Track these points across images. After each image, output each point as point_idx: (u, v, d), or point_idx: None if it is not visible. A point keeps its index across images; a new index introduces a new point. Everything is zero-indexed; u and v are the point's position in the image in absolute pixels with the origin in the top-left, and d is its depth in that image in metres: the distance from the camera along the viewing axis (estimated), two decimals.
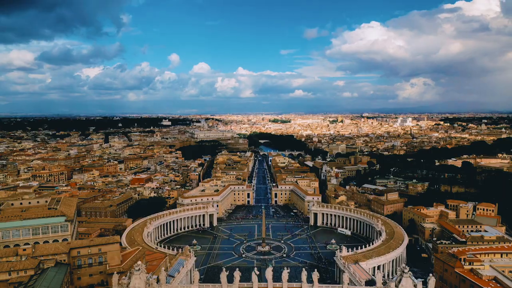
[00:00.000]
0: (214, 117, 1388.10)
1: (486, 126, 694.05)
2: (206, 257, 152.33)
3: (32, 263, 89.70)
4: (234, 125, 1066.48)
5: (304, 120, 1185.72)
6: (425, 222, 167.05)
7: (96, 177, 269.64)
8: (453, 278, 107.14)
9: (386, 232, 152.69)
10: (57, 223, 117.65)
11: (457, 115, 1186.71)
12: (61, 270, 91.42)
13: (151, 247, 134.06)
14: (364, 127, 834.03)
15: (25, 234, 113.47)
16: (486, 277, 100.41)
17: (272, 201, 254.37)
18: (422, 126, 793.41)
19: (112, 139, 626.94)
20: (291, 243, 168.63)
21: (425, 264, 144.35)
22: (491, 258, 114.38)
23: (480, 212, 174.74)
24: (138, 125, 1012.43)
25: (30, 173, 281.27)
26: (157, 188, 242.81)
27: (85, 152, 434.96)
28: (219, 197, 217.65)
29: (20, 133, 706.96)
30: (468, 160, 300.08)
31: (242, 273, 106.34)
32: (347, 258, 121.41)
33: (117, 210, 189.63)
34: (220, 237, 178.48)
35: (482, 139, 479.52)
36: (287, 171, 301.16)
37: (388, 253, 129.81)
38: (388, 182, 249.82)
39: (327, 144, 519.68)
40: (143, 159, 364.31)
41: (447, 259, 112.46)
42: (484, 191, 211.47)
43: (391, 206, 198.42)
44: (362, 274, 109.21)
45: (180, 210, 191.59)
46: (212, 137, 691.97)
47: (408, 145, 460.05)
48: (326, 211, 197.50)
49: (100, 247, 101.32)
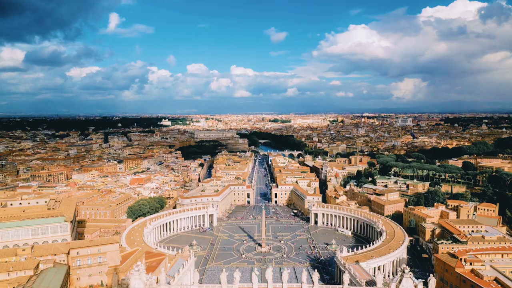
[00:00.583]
0: (214, 117, 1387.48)
1: (487, 126, 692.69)
2: (206, 257, 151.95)
3: (31, 263, 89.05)
4: (234, 124, 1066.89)
5: (304, 120, 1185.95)
6: (425, 222, 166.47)
7: (96, 177, 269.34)
8: (453, 279, 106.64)
9: (387, 232, 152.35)
10: (57, 223, 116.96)
11: (458, 115, 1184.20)
12: (60, 271, 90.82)
13: (150, 248, 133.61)
14: (364, 127, 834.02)
15: (24, 235, 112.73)
16: (487, 277, 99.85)
17: (272, 201, 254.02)
18: (422, 126, 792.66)
19: (112, 139, 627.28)
20: (291, 243, 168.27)
21: (426, 264, 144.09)
22: (492, 259, 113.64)
23: (480, 212, 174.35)
24: (137, 125, 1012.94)
25: (29, 173, 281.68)
26: (157, 188, 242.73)
27: (85, 152, 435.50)
28: (219, 197, 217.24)
29: (20, 133, 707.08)
30: (468, 160, 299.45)
31: (242, 274, 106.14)
32: (347, 259, 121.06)
33: (117, 210, 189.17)
34: (220, 238, 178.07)
35: (482, 139, 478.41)
36: (287, 171, 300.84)
37: (389, 254, 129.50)
38: (389, 182, 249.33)
39: (327, 144, 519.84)
40: (142, 159, 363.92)
41: (448, 259, 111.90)
42: (485, 191, 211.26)
43: (391, 206, 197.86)
44: (362, 275, 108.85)
45: (180, 211, 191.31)
46: (212, 137, 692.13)
47: (408, 145, 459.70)
48: (326, 211, 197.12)
49: (99, 248, 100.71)
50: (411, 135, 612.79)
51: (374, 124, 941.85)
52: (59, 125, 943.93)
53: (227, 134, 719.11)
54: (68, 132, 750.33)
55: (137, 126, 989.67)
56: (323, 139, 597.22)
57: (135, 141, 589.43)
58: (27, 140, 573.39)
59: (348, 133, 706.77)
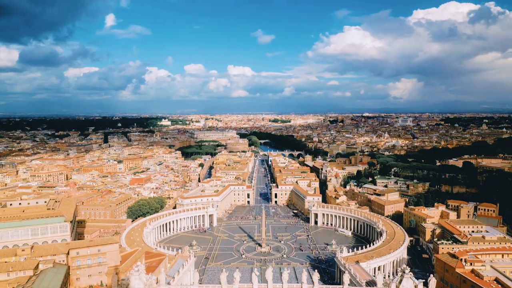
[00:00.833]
0: (214, 116, 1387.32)
1: (487, 126, 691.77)
2: (206, 257, 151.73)
3: (31, 264, 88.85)
4: (234, 124, 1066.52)
5: (304, 120, 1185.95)
6: (426, 223, 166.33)
7: (96, 177, 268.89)
8: (454, 279, 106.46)
9: (387, 232, 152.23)
10: (56, 223, 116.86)
11: (458, 115, 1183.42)
12: (60, 271, 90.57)
13: (150, 248, 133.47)
14: (364, 127, 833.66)
15: (24, 235, 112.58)
16: (487, 277, 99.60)
17: (272, 202, 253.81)
18: (422, 126, 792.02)
19: (112, 139, 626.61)
20: (291, 244, 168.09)
21: (426, 264, 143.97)
22: (492, 259, 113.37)
23: (481, 213, 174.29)
24: (137, 125, 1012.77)
25: (29, 173, 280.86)
26: (157, 189, 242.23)
27: (84, 152, 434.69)
28: (219, 197, 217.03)
29: (19, 133, 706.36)
30: (469, 160, 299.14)
31: (242, 274, 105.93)
32: (347, 259, 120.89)
33: (117, 210, 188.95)
34: (220, 238, 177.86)
35: (483, 139, 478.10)
36: (287, 171, 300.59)
37: (389, 254, 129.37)
38: (389, 182, 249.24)
39: (328, 144, 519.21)
40: (142, 159, 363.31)
41: (448, 259, 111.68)
42: (485, 192, 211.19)
43: (391, 207, 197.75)
44: (362, 275, 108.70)
45: (180, 211, 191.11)
46: (212, 137, 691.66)
47: (408, 145, 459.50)
48: (326, 212, 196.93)
49: (99, 248, 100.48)
50: (412, 135, 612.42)
51: (374, 124, 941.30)
52: (59, 125, 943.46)
53: (227, 134, 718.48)
54: (68, 132, 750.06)
55: (137, 126, 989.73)
56: (323, 139, 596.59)
57: (135, 141, 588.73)
58: (26, 140, 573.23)
59: (348, 133, 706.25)
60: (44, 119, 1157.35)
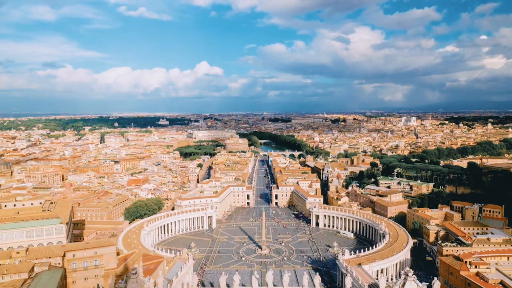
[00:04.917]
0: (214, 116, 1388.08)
1: (493, 126, 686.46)
2: (205, 260, 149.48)
3: (26, 266, 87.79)
4: (234, 124, 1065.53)
5: (305, 120, 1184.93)
6: (429, 224, 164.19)
7: (92, 178, 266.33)
8: (458, 282, 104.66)
9: (390, 234, 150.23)
10: (52, 225, 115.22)
11: (462, 114, 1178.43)
12: (55, 274, 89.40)
13: (148, 250, 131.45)
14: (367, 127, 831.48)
15: (19, 237, 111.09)
16: (492, 280, 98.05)
17: (272, 203, 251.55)
18: (426, 126, 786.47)
19: (108, 139, 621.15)
20: (292, 246, 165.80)
21: (430, 267, 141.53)
22: (498, 261, 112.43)
23: (486, 214, 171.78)
24: (135, 124, 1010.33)
25: (24, 174, 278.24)
26: (154, 190, 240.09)
27: (81, 152, 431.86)
28: (218, 198, 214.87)
29: (14, 133, 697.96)
30: (474, 160, 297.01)
31: (242, 277, 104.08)
32: (349, 261, 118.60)
33: (113, 212, 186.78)
34: (219, 240, 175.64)
35: (488, 139, 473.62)
36: (288, 172, 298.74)
37: (392, 256, 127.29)
38: (392, 183, 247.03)
39: (329, 144, 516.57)
40: (140, 160, 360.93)
41: (452, 262, 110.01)
42: (491, 192, 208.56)
43: (394, 208, 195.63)
44: (365, 278, 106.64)
45: (178, 212, 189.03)
46: (211, 137, 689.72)
47: (412, 145, 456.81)
48: (328, 213, 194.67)
49: (95, 250, 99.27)
50: (415, 135, 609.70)
51: (376, 123, 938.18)
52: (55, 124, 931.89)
53: (226, 134, 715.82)
54: (64, 132, 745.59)
55: (135, 125, 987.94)
56: (325, 139, 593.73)
57: (132, 141, 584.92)
58: (21, 140, 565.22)
59: (350, 133, 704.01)
60: (40, 119, 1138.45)
